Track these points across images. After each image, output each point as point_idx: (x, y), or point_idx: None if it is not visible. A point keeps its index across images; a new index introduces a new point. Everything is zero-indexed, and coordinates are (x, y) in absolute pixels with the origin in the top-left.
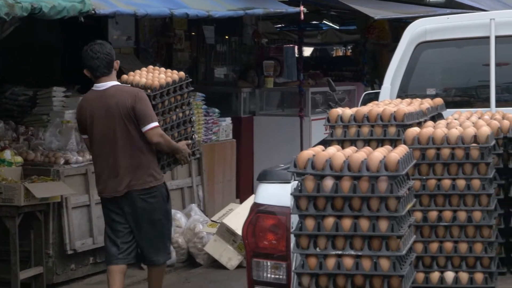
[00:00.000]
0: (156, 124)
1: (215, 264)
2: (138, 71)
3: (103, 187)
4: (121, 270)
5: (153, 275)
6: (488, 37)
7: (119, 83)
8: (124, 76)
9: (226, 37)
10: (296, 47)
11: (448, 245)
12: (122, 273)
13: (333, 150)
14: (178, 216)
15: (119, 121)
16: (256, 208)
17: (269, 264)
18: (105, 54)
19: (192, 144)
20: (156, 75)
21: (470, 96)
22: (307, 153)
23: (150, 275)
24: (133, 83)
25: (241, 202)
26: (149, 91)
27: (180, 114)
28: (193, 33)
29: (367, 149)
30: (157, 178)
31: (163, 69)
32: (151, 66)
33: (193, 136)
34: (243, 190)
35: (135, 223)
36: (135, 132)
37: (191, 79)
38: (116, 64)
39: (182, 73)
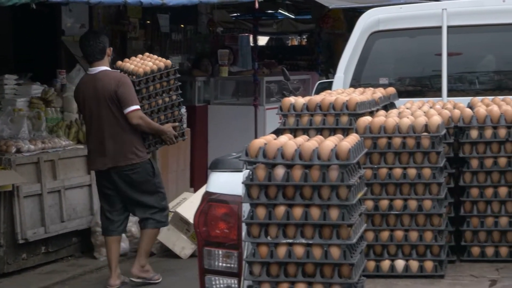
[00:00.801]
0: (136, 107)
1: (168, 253)
2: (133, 57)
3: (92, 162)
4: (115, 239)
5: (143, 238)
6: (440, 27)
7: (108, 69)
8: (119, 62)
9: (181, 25)
10: (251, 36)
11: (399, 234)
12: (117, 242)
13: (285, 139)
14: None
15: (104, 103)
16: (208, 197)
17: (220, 252)
18: (98, 42)
19: (180, 127)
20: (145, 63)
21: (423, 86)
22: (259, 141)
23: (141, 238)
24: (124, 69)
25: (195, 191)
26: (134, 77)
27: (167, 99)
28: (148, 22)
29: (319, 137)
30: (139, 156)
31: (155, 56)
32: (146, 54)
33: (181, 119)
34: (197, 179)
35: (124, 195)
36: (118, 113)
37: (177, 67)
38: (109, 51)
39: (168, 61)
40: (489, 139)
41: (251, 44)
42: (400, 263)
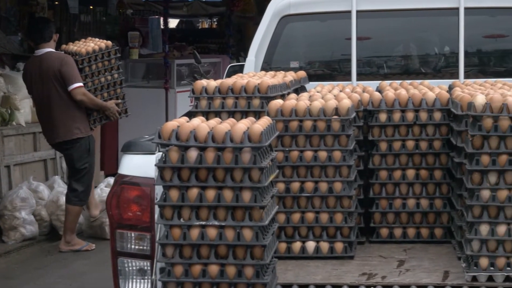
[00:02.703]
0: (79, 84)
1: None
2: (77, 41)
3: (45, 137)
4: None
5: (67, 213)
6: (350, 12)
7: (53, 50)
8: (63, 46)
9: (91, 7)
10: (161, 18)
11: (310, 216)
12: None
13: (198, 122)
14: (41, 188)
15: (50, 82)
16: (120, 179)
17: (133, 235)
18: (47, 27)
19: (123, 104)
20: (87, 44)
21: (333, 70)
22: (172, 124)
23: (65, 215)
24: (68, 50)
25: (105, 174)
26: (76, 57)
27: (109, 77)
28: (56, 2)
29: (231, 120)
30: (82, 131)
31: (96, 39)
32: (89, 37)
33: (124, 97)
34: (108, 162)
35: (67, 167)
36: (63, 91)
37: (118, 47)
38: (55, 36)
39: (109, 42)
40: (397, 123)
41: (162, 26)
42: (311, 245)
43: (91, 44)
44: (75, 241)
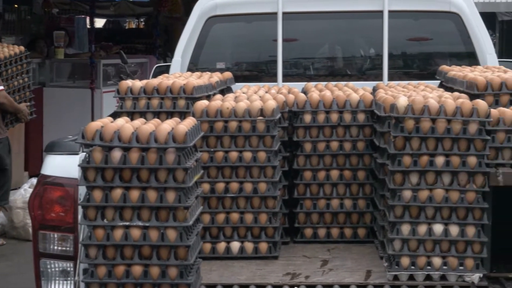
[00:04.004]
0: (1, 87)
1: (1, 237)
2: None
3: None
4: None
5: None
6: (276, 13)
7: None
8: None
9: (15, 5)
10: (88, 18)
11: (234, 216)
12: None
13: (122, 122)
14: None
15: None
16: (43, 180)
17: (56, 236)
18: None
19: (30, 106)
20: (0, 49)
21: (259, 71)
22: (95, 124)
23: None
24: None
25: (29, 175)
26: None
27: (21, 81)
28: None
29: (156, 121)
30: (1, 133)
31: (5, 44)
32: None
33: (31, 100)
34: (32, 163)
35: None
36: None
37: (29, 52)
38: None
39: (22, 47)
40: (322, 124)
41: (88, 26)
42: (235, 245)
43: (5, 49)
44: None
